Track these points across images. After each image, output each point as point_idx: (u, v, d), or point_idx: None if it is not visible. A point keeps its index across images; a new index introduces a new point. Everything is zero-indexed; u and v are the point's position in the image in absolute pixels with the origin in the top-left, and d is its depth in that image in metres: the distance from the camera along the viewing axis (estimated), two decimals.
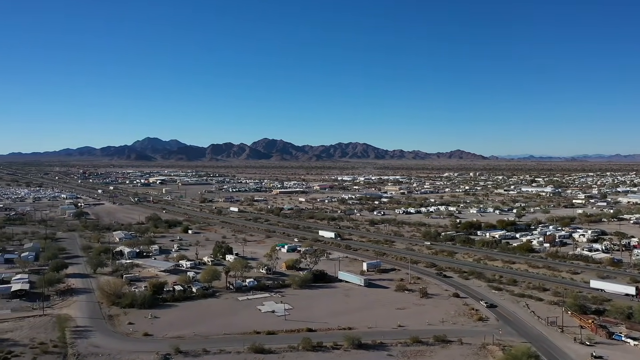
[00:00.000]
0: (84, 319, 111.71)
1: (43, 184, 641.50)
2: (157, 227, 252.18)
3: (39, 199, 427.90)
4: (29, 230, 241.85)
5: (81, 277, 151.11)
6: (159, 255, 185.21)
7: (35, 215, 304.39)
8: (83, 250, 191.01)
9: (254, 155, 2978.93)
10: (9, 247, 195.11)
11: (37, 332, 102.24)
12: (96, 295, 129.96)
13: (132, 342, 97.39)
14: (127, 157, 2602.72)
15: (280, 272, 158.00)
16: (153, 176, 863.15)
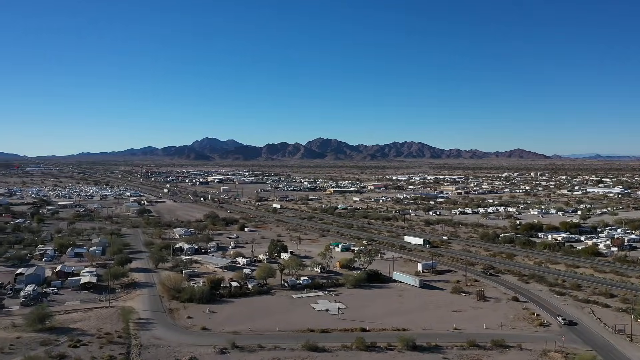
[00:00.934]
0: (146, 311, 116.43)
1: (109, 183, 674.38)
2: (215, 225, 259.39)
3: (106, 197, 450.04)
4: (96, 226, 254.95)
5: (144, 271, 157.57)
6: (216, 252, 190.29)
7: (102, 212, 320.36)
8: (145, 246, 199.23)
9: (308, 155, 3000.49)
10: (78, 242, 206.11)
11: (104, 322, 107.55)
12: (157, 289, 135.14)
13: (191, 336, 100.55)
14: (186, 157, 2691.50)
15: (334, 271, 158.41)
16: (211, 175, 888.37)
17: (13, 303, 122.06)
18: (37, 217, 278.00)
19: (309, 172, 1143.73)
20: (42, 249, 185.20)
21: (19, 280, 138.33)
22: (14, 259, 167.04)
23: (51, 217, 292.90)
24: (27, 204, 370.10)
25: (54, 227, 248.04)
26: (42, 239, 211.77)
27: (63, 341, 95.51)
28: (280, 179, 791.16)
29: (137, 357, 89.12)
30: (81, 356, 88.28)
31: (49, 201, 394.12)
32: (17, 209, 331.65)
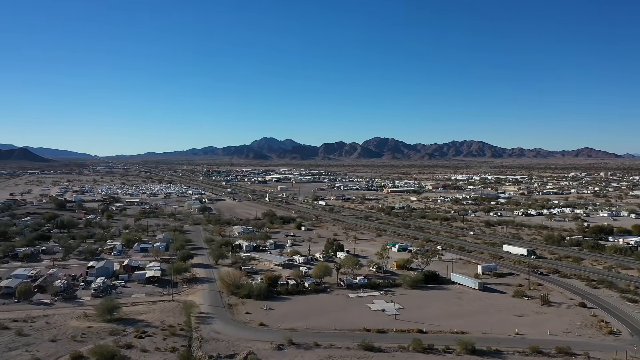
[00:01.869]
0: (206, 306, 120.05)
1: (173, 181, 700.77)
2: (273, 223, 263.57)
3: (169, 195, 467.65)
4: (160, 223, 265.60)
5: (204, 267, 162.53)
6: (274, 249, 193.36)
7: (166, 209, 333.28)
8: (206, 243, 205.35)
9: (365, 154, 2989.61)
10: (144, 237, 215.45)
11: (167, 315, 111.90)
12: (217, 284, 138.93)
13: (249, 331, 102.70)
14: (245, 156, 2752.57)
15: (390, 271, 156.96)
16: (269, 174, 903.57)
17: (85, 294, 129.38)
18: (106, 214, 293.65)
19: (366, 171, 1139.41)
20: (111, 244, 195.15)
21: (90, 273, 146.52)
22: (86, 253, 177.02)
23: (119, 214, 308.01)
24: (97, 201, 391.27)
25: (122, 223, 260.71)
26: (111, 234, 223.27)
27: (130, 332, 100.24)
28: (337, 178, 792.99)
29: (198, 349, 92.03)
30: (146, 347, 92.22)
31: (118, 198, 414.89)
32: (89, 205, 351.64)
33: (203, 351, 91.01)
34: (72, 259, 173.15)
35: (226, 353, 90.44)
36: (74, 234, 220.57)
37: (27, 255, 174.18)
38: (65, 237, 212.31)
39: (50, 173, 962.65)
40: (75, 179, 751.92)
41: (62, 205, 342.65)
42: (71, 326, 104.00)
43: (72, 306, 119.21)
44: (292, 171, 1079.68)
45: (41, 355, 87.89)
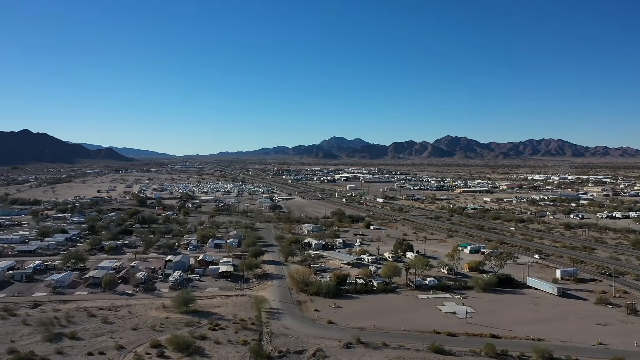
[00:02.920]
0: (276, 302, 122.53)
1: (245, 180, 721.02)
2: (342, 222, 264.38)
3: (242, 193, 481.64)
4: (233, 220, 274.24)
5: (275, 264, 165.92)
6: (342, 248, 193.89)
7: (239, 206, 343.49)
8: (276, 240, 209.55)
9: (436, 153, 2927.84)
10: (218, 234, 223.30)
11: (239, 309, 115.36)
12: (287, 281, 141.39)
13: (318, 328, 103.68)
14: (315, 155, 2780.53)
15: (462, 273, 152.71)
16: (338, 173, 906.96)
17: (163, 286, 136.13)
18: (183, 210, 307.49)
19: (436, 170, 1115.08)
20: (187, 239, 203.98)
21: (168, 267, 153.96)
22: (165, 247, 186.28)
23: (195, 211, 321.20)
24: (175, 198, 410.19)
25: (197, 220, 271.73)
26: (187, 230, 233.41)
27: (204, 324, 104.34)
28: (407, 178, 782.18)
29: (268, 344, 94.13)
30: (219, 339, 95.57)
31: (193, 196, 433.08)
32: (167, 202, 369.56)
33: (273, 346, 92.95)
34: (151, 253, 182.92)
35: (295, 349, 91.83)
36: (154, 229, 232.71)
37: (112, 248, 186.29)
38: (145, 232, 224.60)
39: (132, 172, 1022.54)
40: (155, 177, 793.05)
41: (143, 202, 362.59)
42: (151, 316, 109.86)
43: (152, 297, 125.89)
44: (361, 170, 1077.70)
45: (124, 342, 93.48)
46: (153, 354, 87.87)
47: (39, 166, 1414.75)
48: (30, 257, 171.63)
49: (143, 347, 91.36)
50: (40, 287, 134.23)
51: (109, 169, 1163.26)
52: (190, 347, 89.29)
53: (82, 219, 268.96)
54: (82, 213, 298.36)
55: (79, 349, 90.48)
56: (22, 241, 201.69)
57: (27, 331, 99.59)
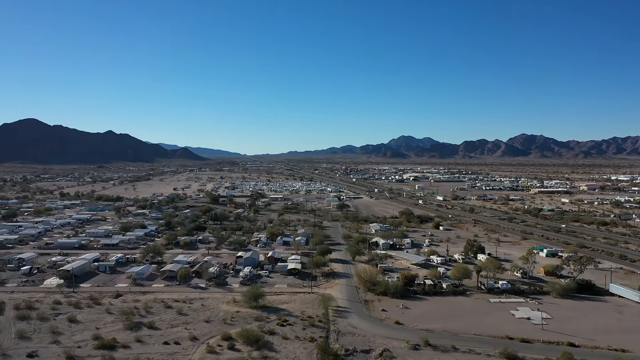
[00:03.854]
0: (343, 300, 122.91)
1: (313, 179, 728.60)
2: (410, 222, 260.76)
3: (310, 192, 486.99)
4: (301, 218, 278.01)
5: (342, 262, 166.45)
6: (410, 248, 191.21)
7: (307, 205, 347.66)
8: (344, 239, 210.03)
9: (509, 152, 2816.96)
10: (286, 231, 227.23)
11: (306, 306, 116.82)
12: (354, 280, 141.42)
13: (385, 328, 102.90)
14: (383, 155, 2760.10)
15: (537, 277, 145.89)
16: (406, 173, 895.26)
17: (234, 281, 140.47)
18: (253, 208, 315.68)
19: (510, 170, 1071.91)
20: (257, 236, 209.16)
21: (239, 262, 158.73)
22: (236, 244, 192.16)
23: (265, 209, 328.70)
24: (246, 196, 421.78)
25: (266, 217, 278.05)
26: (257, 227, 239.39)
27: (272, 319, 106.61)
28: (478, 178, 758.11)
29: (335, 342, 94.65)
30: (287, 334, 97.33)
31: (263, 194, 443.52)
32: (238, 200, 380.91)
33: (340, 344, 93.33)
34: (223, 249, 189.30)
35: (362, 348, 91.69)
36: (226, 226, 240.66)
37: (186, 243, 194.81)
38: (218, 228, 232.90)
39: (206, 170, 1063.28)
40: (227, 175, 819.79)
41: (215, 200, 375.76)
42: (222, 309, 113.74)
43: (223, 291, 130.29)
44: (430, 170, 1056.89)
45: (197, 334, 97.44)
46: (224, 346, 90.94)
47: (122, 165, 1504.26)
48: (113, 250, 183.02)
49: (215, 339, 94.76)
50: (122, 278, 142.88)
51: (184, 168, 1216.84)
52: (259, 341, 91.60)
53: (159, 215, 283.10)
54: (159, 209, 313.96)
55: (156, 338, 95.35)
56: (106, 235, 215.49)
57: (110, 319, 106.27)
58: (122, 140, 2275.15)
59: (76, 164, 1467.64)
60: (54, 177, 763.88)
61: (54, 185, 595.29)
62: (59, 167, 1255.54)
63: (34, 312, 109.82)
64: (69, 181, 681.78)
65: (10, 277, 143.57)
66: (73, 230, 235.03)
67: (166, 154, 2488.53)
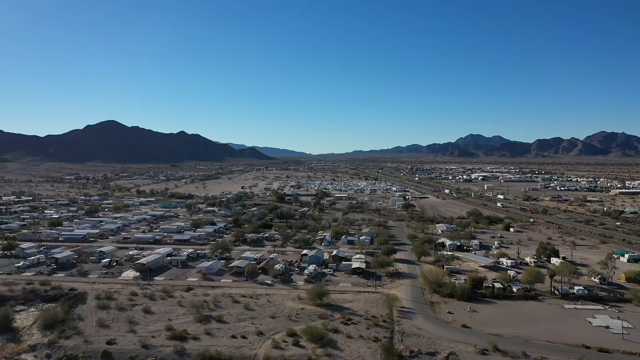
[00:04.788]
0: (408, 301, 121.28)
1: (378, 178, 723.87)
2: (478, 223, 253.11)
3: (374, 191, 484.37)
4: (366, 217, 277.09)
5: (407, 262, 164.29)
6: (478, 250, 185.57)
7: (371, 204, 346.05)
8: (409, 239, 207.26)
9: (587, 151, 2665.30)
10: (351, 230, 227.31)
11: (370, 306, 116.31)
12: (419, 281, 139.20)
13: (451, 331, 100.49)
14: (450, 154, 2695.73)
15: (617, 284, 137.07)
16: (475, 172, 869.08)
17: (299, 279, 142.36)
18: (318, 207, 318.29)
19: (588, 170, 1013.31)
20: (321, 235, 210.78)
21: (304, 260, 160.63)
22: (301, 242, 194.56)
23: (329, 208, 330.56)
24: (311, 195, 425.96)
25: (331, 216, 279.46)
26: (322, 226, 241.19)
27: (336, 317, 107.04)
28: (552, 178, 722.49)
29: (399, 342, 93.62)
30: (351, 333, 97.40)
31: (328, 193, 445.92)
32: (303, 199, 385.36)
33: (404, 345, 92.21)
34: (289, 246, 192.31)
35: (427, 350, 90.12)
36: (291, 224, 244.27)
37: (253, 240, 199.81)
38: (284, 226, 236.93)
39: (272, 169, 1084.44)
40: (293, 174, 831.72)
41: (281, 198, 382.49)
42: (287, 306, 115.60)
43: (289, 288, 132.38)
44: (500, 169, 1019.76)
45: (263, 329, 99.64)
46: (289, 342, 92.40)
47: (193, 164, 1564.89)
48: (185, 246, 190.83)
49: (280, 334, 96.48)
50: (193, 272, 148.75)
51: (252, 167, 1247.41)
52: (323, 339, 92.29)
53: (228, 213, 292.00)
54: (228, 207, 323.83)
55: (224, 332, 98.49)
56: (178, 231, 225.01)
57: (182, 311, 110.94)
58: (193, 140, 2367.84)
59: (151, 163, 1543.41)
60: (131, 176, 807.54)
61: (131, 183, 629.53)
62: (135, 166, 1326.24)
63: (113, 302, 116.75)
64: (144, 179, 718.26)
65: (92, 268, 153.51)
66: (148, 226, 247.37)
67: (234, 153, 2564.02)
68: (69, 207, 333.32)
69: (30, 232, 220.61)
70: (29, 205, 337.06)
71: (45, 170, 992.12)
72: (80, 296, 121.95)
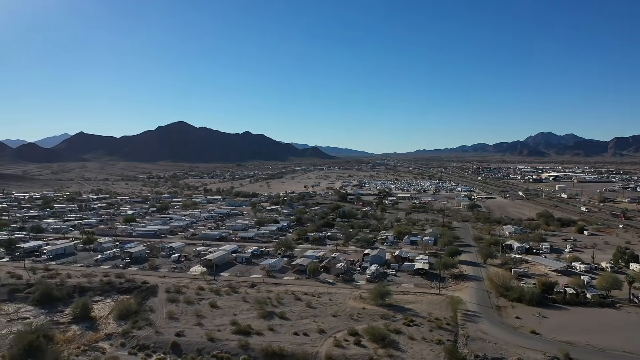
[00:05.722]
0: (473, 304, 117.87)
1: (442, 178, 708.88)
2: (549, 225, 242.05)
3: (438, 191, 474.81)
4: (429, 218, 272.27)
5: (472, 264, 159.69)
6: (549, 253, 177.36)
7: (435, 204, 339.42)
8: (474, 240, 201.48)
9: None
10: (413, 230, 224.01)
11: (433, 308, 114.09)
12: (485, 284, 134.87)
13: (519, 337, 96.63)
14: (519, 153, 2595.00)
15: None
16: (545, 172, 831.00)
17: (360, 278, 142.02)
18: (380, 207, 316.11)
19: None
20: (384, 235, 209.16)
21: (366, 260, 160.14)
22: (363, 241, 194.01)
23: (392, 207, 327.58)
24: (373, 195, 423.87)
25: (394, 216, 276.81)
26: (384, 226, 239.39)
27: (398, 318, 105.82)
28: (632, 178, 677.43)
29: (464, 346, 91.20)
30: (413, 335, 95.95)
31: (391, 193, 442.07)
32: (366, 198, 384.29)
33: (469, 349, 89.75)
34: (350, 246, 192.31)
35: (493, 355, 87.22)
36: (353, 224, 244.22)
37: (316, 239, 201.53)
38: (346, 225, 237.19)
39: (334, 169, 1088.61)
40: (355, 174, 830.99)
41: (343, 198, 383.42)
42: (349, 305, 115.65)
43: (350, 287, 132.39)
44: (573, 169, 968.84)
45: (325, 327, 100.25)
46: (350, 341, 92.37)
47: (257, 163, 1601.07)
48: (249, 243, 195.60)
49: (342, 333, 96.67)
50: (256, 269, 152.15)
51: (314, 167, 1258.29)
52: (385, 339, 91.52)
53: (291, 211, 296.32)
54: (291, 206, 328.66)
55: (286, 328, 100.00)
56: (243, 229, 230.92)
57: (246, 307, 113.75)
58: (257, 140, 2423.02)
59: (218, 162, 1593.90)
60: (199, 175, 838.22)
61: (199, 181, 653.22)
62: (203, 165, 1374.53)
63: (182, 295, 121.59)
64: (211, 178, 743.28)
65: (163, 263, 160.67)
66: (215, 223, 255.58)
67: (297, 153, 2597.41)
68: (141, 204, 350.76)
69: (107, 228, 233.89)
70: (106, 202, 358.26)
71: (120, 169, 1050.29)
72: (151, 289, 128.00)
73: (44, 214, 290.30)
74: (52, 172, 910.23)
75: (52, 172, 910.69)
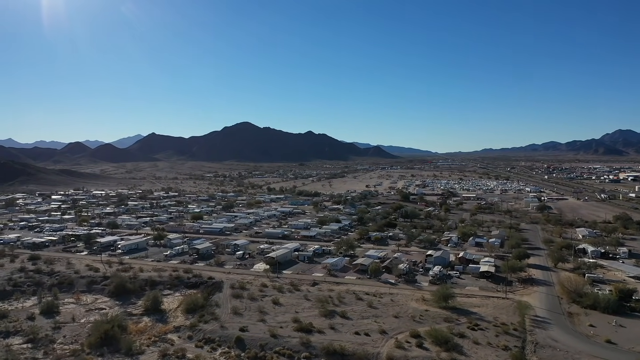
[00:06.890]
0: (542, 310, 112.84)
1: (509, 177, 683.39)
2: (627, 228, 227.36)
3: (505, 191, 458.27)
4: (495, 219, 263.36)
5: (541, 268, 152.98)
6: (627, 258, 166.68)
7: (502, 205, 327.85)
8: (544, 243, 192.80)
9: None
10: (479, 232, 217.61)
11: (500, 312, 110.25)
12: (556, 289, 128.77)
13: (592, 346, 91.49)
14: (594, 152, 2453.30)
15: None
16: (623, 172, 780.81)
17: (423, 279, 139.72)
18: (444, 207, 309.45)
19: None
20: (447, 236, 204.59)
21: (429, 261, 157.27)
22: (425, 242, 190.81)
23: (456, 208, 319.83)
24: (436, 195, 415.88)
25: (458, 217, 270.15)
26: (448, 227, 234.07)
27: (462, 322, 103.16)
28: None
29: (532, 353, 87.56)
30: (478, 339, 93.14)
31: (455, 193, 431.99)
32: (429, 198, 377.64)
33: (537, 356, 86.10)
34: (413, 246, 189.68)
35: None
36: (416, 224, 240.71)
37: (377, 239, 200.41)
38: (408, 225, 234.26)
39: (397, 168, 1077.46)
40: (418, 173, 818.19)
41: (406, 197, 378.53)
42: (411, 306, 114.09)
43: (412, 289, 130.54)
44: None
45: (386, 328, 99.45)
46: (412, 343, 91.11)
47: (319, 163, 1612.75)
48: (311, 242, 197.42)
49: (403, 335, 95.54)
50: (318, 268, 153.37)
51: (376, 166, 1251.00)
52: (448, 343, 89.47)
53: (352, 211, 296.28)
54: (352, 205, 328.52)
55: (347, 328, 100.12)
56: (305, 227, 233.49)
57: (307, 305, 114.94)
58: (320, 139, 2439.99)
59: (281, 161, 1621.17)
60: (263, 174, 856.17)
61: (262, 180, 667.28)
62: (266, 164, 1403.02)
63: (245, 292, 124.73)
64: (274, 177, 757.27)
65: (228, 259, 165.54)
66: (277, 221, 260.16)
67: (359, 152, 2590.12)
68: (208, 202, 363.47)
69: (176, 224, 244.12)
70: (175, 200, 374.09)
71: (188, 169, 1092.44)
72: (217, 284, 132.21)
73: (119, 211, 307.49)
74: (126, 171, 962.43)
75: (126, 171, 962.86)
